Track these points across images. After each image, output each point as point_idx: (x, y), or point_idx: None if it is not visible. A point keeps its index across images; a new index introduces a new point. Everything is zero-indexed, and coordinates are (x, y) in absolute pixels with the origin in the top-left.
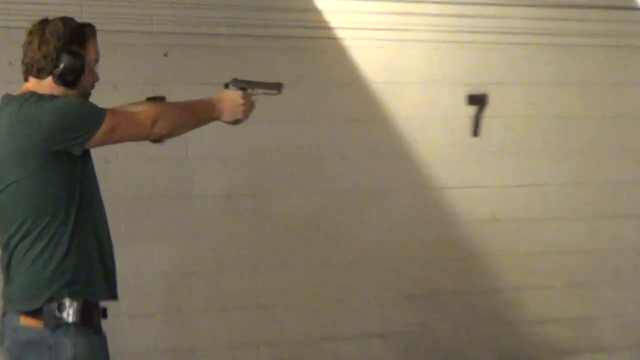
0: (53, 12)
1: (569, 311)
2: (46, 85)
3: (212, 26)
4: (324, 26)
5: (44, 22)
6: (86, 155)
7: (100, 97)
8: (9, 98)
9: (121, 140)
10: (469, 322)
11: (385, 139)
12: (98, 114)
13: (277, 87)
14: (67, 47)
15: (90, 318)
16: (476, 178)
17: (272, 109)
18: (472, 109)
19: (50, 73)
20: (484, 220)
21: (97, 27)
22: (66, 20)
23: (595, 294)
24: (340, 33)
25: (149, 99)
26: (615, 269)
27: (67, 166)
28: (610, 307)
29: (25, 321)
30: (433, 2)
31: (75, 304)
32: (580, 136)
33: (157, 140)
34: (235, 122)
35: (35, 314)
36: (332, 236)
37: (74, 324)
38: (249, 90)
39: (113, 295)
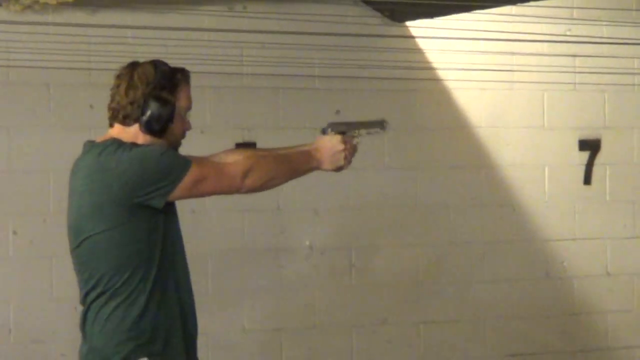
0: (137, 53)
1: None
2: (132, 133)
3: (307, 67)
4: (426, 67)
5: (134, 65)
6: (170, 208)
7: (186, 142)
8: (90, 145)
9: (208, 193)
10: None
11: (491, 188)
12: (182, 165)
13: (379, 124)
14: (156, 93)
15: None
16: (588, 229)
17: (370, 155)
18: (584, 155)
19: (136, 120)
20: (595, 275)
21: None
22: (157, 64)
23: None
24: (443, 74)
25: (239, 145)
26: None
27: (149, 220)
28: None
29: None
30: (544, 41)
31: None
32: None
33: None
34: (338, 169)
35: None
36: (433, 291)
37: None
38: (349, 133)
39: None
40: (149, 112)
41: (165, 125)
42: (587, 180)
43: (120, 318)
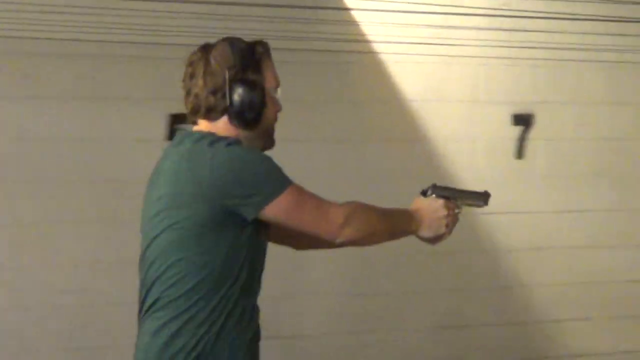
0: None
1: (614, 345)
2: (221, 128)
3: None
4: (362, 40)
5: (206, 47)
6: (261, 227)
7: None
8: (184, 134)
9: (301, 226)
10: (505, 356)
11: (425, 160)
12: (282, 180)
13: (484, 198)
14: (241, 76)
15: None
16: (518, 203)
17: (306, 127)
18: (517, 130)
19: (223, 112)
20: (525, 249)
21: None
22: (233, 42)
23: (638, 326)
24: (379, 47)
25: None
26: None
27: (234, 231)
28: None
29: None
30: (481, 15)
31: None
32: (633, 159)
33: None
34: (436, 238)
35: None
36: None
37: None
38: (453, 200)
39: None
40: (238, 100)
41: (259, 111)
42: (520, 154)
43: (168, 335)
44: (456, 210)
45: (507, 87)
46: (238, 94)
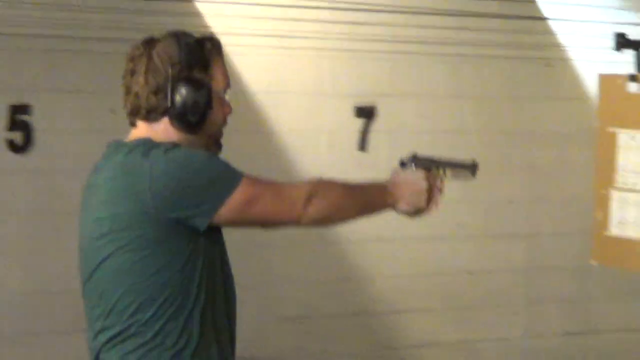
0: None
1: (451, 334)
2: (161, 130)
3: (85, 29)
4: (204, 31)
5: (150, 42)
6: (214, 233)
7: None
8: (116, 145)
9: (260, 219)
10: (349, 345)
11: (268, 152)
12: (232, 177)
13: (471, 168)
14: (186, 74)
15: None
16: None
17: None
18: (360, 122)
19: (164, 113)
20: (367, 240)
21: None
22: (180, 37)
23: (478, 316)
24: (221, 39)
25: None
26: (501, 291)
27: (187, 243)
28: (494, 331)
29: None
30: (324, 8)
31: None
32: (473, 152)
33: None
34: (416, 213)
35: None
36: None
37: None
38: (434, 171)
39: None
40: (180, 100)
41: (204, 113)
42: (362, 146)
43: None
44: (439, 183)
45: (351, 79)
46: (180, 93)
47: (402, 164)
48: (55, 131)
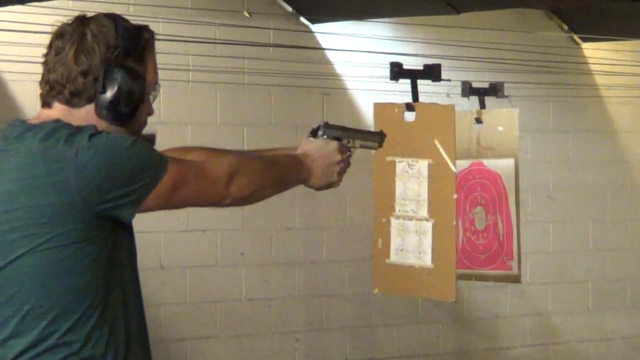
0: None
1: None
2: (81, 117)
3: None
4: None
5: (84, 20)
6: (131, 224)
7: None
8: (22, 128)
9: (187, 202)
10: None
11: None
12: (158, 162)
13: (379, 137)
14: (122, 62)
15: None
16: (143, 223)
17: None
18: None
19: (91, 99)
20: (149, 267)
21: None
22: (117, 20)
23: (259, 343)
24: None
25: None
26: (282, 318)
27: (110, 238)
28: (276, 358)
29: None
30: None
31: None
32: None
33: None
34: (326, 187)
35: None
36: None
37: None
38: (345, 141)
39: None
40: (114, 88)
41: (135, 106)
42: None
43: None
44: (347, 154)
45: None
46: (115, 79)
47: (314, 132)
48: None
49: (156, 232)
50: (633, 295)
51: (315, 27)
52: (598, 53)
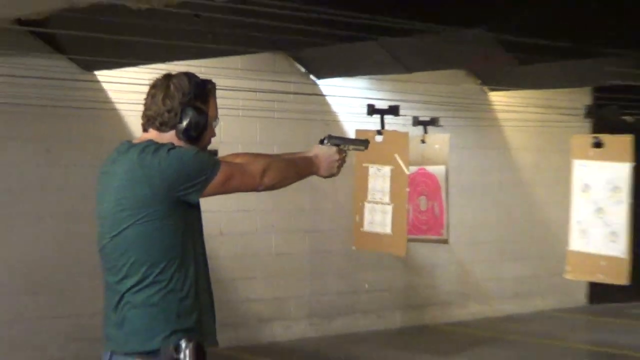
0: None
1: None
2: (167, 138)
3: None
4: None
5: (169, 76)
6: (198, 211)
7: None
8: (128, 145)
9: (234, 189)
10: None
11: None
12: (213, 164)
13: (364, 143)
14: (192, 103)
15: (203, 358)
16: (209, 205)
17: None
18: None
19: (172, 127)
20: (213, 235)
21: None
22: (190, 76)
23: (284, 283)
24: None
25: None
26: (300, 265)
27: (185, 215)
28: (292, 292)
29: None
30: None
31: (190, 345)
32: None
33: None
34: (330, 176)
35: (150, 354)
36: None
37: None
38: (342, 147)
39: (216, 342)
40: (187, 120)
41: (201, 132)
42: None
43: (162, 304)
44: (343, 154)
45: None
46: (188, 115)
47: (321, 141)
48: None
49: (218, 211)
50: (508, 249)
51: (319, 82)
52: (499, 98)
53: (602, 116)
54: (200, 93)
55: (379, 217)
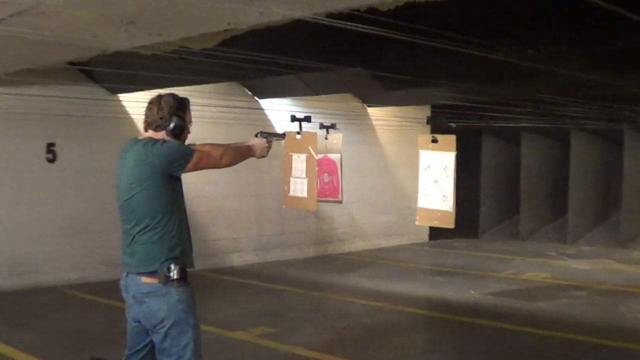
0: None
1: None
2: (160, 136)
3: None
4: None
5: (160, 96)
6: (180, 178)
7: None
8: (135, 140)
9: (204, 167)
10: None
11: None
12: (190, 152)
13: (282, 136)
14: (176, 113)
15: (185, 276)
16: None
17: None
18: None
19: (163, 128)
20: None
21: None
22: (174, 95)
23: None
24: None
25: None
26: (246, 223)
27: (174, 184)
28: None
29: (145, 279)
30: None
31: (177, 267)
32: None
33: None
34: (262, 157)
35: (152, 274)
36: None
37: (176, 279)
38: (269, 138)
39: (193, 265)
40: (173, 124)
41: (182, 132)
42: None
43: (160, 240)
44: (270, 143)
45: None
46: (174, 121)
47: (256, 135)
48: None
49: (195, 182)
50: (380, 206)
51: (260, 100)
52: (374, 111)
53: (436, 123)
54: (181, 106)
55: (299, 187)
